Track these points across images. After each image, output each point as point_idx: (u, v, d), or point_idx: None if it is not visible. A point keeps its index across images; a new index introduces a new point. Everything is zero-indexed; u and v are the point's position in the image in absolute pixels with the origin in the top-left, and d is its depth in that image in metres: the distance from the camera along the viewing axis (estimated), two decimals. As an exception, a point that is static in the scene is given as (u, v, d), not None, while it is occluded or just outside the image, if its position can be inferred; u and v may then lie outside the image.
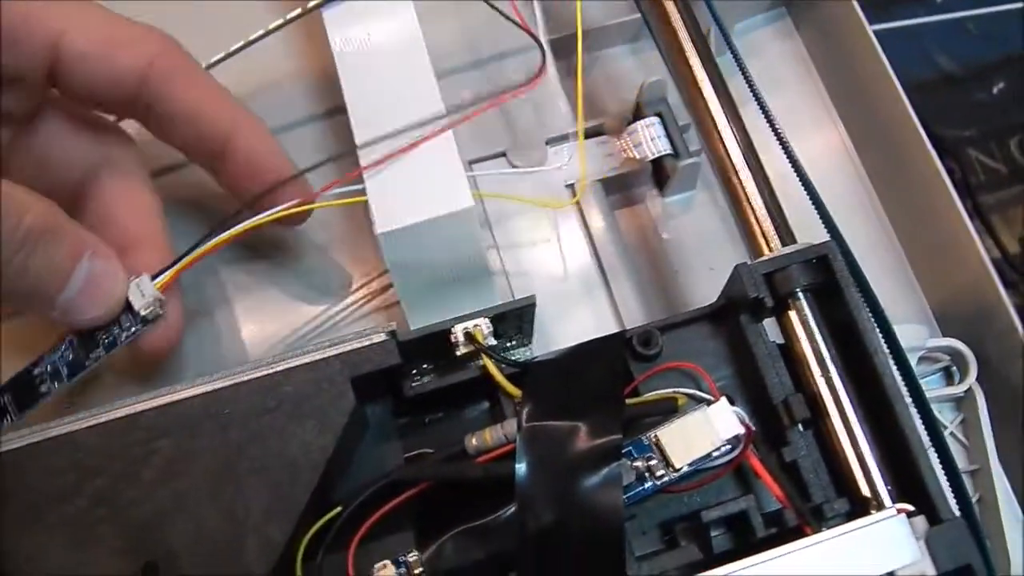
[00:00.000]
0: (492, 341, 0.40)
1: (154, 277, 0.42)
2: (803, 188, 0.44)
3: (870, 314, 0.39)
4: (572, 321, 0.48)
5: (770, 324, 0.42)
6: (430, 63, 0.44)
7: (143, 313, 0.42)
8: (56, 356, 0.43)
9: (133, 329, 0.42)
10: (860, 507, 0.38)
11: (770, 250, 0.42)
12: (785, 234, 0.42)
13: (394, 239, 0.41)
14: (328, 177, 0.43)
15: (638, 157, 0.50)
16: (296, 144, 0.49)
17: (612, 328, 0.48)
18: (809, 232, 0.43)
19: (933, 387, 0.49)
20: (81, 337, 0.42)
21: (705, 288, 0.50)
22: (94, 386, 0.47)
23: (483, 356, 0.39)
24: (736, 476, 0.40)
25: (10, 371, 0.44)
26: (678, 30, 0.46)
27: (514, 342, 0.44)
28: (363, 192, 0.42)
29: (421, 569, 0.37)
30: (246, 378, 0.38)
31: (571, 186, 0.51)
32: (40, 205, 0.38)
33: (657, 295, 0.50)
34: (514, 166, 0.51)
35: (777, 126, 0.45)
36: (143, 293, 0.42)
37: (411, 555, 0.37)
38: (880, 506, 0.38)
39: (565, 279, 0.49)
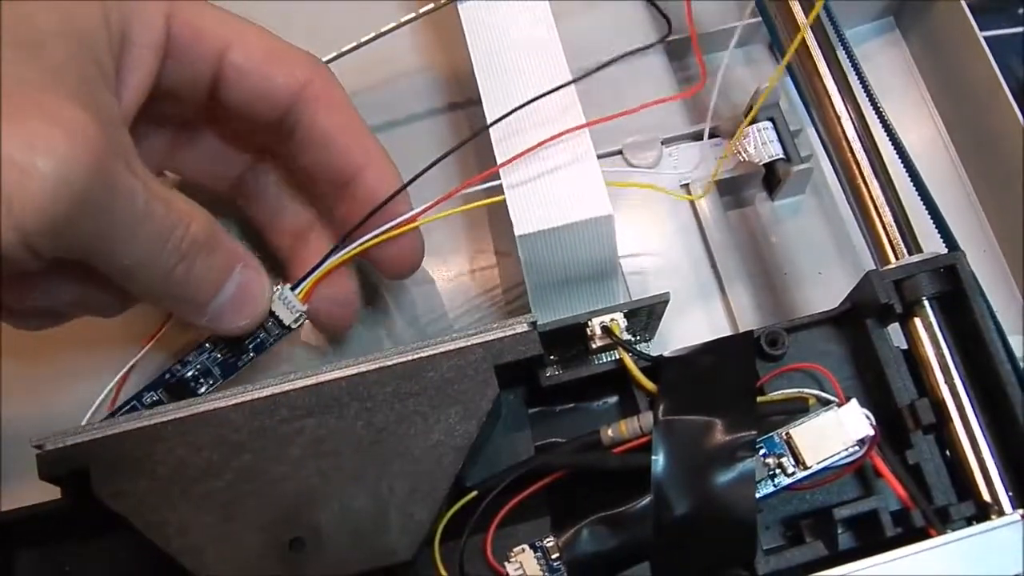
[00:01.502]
0: (626, 336, 0.40)
1: (294, 287, 0.43)
2: (919, 196, 0.45)
3: (992, 325, 0.40)
4: (685, 320, 0.49)
5: (891, 330, 0.42)
6: (565, 60, 0.44)
7: (289, 324, 0.44)
8: (203, 357, 0.44)
9: (278, 333, 0.44)
10: (982, 512, 0.39)
11: (897, 258, 0.43)
12: (912, 243, 0.43)
13: (532, 241, 0.42)
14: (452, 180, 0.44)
15: (752, 160, 0.51)
16: (421, 138, 0.50)
17: (725, 328, 0.49)
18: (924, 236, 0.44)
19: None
20: (228, 341, 0.44)
21: (813, 292, 0.51)
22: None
23: (619, 349, 0.40)
24: (856, 477, 0.41)
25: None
26: (804, 33, 0.47)
27: (637, 338, 0.45)
28: (500, 191, 0.43)
29: (558, 554, 0.38)
30: (391, 363, 0.39)
31: (685, 186, 0.52)
32: (203, 216, 0.39)
33: (767, 297, 0.51)
34: (631, 165, 0.52)
35: (895, 133, 0.46)
36: (288, 306, 0.43)
37: (548, 540, 0.38)
38: (1001, 511, 0.38)
39: (679, 278, 0.50)
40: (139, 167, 0.35)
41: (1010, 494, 0.39)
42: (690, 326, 0.48)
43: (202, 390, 0.44)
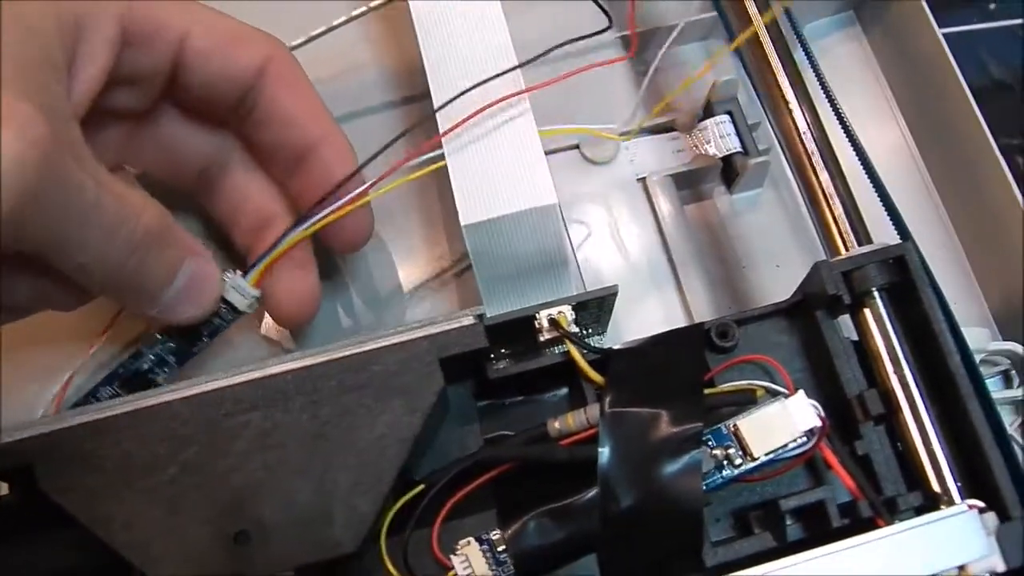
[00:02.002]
0: (574, 328, 0.40)
1: (246, 273, 0.44)
2: (874, 188, 0.45)
3: (942, 316, 0.40)
4: (641, 312, 0.49)
5: (842, 321, 0.42)
6: (513, 50, 0.45)
7: (243, 309, 0.44)
8: (156, 348, 0.44)
9: (231, 318, 0.44)
10: (931, 502, 0.39)
11: (847, 249, 0.43)
12: (862, 234, 0.43)
13: (478, 231, 0.42)
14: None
15: (709, 154, 0.51)
16: (372, 130, 0.50)
17: (680, 320, 0.49)
18: (873, 230, 0.44)
19: (993, 390, 0.49)
20: (180, 330, 0.44)
21: (771, 284, 0.51)
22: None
23: (567, 342, 0.40)
24: (806, 468, 0.41)
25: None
26: (757, 28, 0.47)
27: (589, 331, 0.45)
28: (442, 158, 0.43)
29: (504, 547, 0.38)
30: (336, 356, 0.39)
31: (642, 179, 0.52)
32: (154, 208, 0.39)
33: (724, 290, 0.51)
34: (587, 159, 0.52)
35: (849, 126, 0.46)
36: (240, 291, 0.43)
37: (494, 533, 0.38)
38: (951, 501, 0.39)
39: (635, 271, 0.50)
40: (89, 161, 0.35)
41: (959, 484, 0.39)
42: (645, 320, 0.48)
43: (160, 379, 0.44)
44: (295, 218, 0.44)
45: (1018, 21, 0.72)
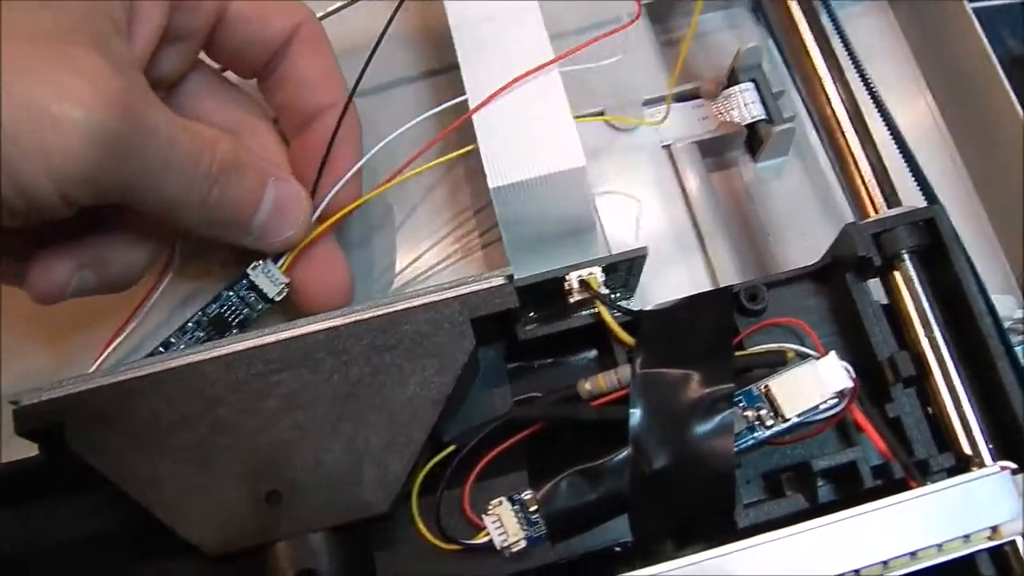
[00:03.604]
0: (604, 290, 0.40)
1: (276, 260, 0.44)
2: (900, 153, 0.45)
3: (972, 279, 0.40)
4: (666, 278, 0.49)
5: (875, 284, 0.42)
6: (545, 31, 0.45)
7: (272, 296, 0.44)
8: (186, 337, 0.45)
9: (260, 307, 0.45)
10: (962, 464, 0.39)
11: (876, 212, 0.43)
12: (891, 196, 0.43)
13: (505, 194, 0.42)
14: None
15: (733, 121, 0.51)
16: (401, 102, 0.50)
17: (707, 285, 0.49)
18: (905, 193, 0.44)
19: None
20: (211, 321, 0.44)
21: (795, 252, 0.50)
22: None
23: (597, 303, 0.40)
24: (836, 431, 0.41)
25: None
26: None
27: (617, 294, 0.44)
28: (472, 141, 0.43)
29: (536, 507, 0.37)
30: (366, 316, 0.39)
31: (667, 147, 0.51)
32: (227, 139, 0.40)
33: (749, 257, 0.50)
34: (612, 126, 0.51)
35: (876, 91, 0.46)
36: (271, 278, 0.44)
37: (526, 493, 0.38)
38: (982, 463, 0.38)
39: (660, 238, 0.50)
40: (158, 104, 0.36)
41: (990, 446, 0.39)
42: (671, 285, 0.48)
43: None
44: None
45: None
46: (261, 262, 0.44)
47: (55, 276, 0.39)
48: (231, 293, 0.44)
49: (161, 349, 0.44)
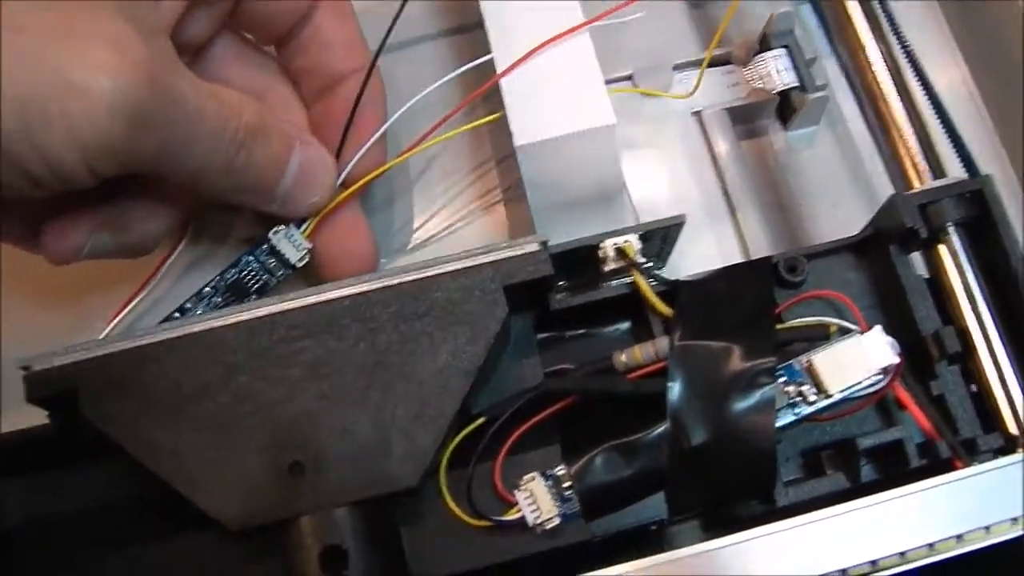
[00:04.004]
0: (640, 259, 0.39)
1: (299, 225, 0.43)
2: (941, 125, 0.44)
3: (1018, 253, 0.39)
4: (696, 248, 0.47)
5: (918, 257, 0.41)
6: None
7: (294, 263, 0.43)
8: (204, 303, 0.43)
9: (281, 273, 0.43)
10: (1009, 444, 0.38)
11: (921, 183, 0.41)
12: (936, 167, 0.41)
13: (533, 152, 0.41)
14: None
15: (765, 88, 0.49)
16: (420, 59, 0.49)
17: (737, 256, 0.48)
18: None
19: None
20: (229, 286, 0.43)
21: (827, 223, 0.49)
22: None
23: (633, 272, 0.39)
24: (876, 409, 0.40)
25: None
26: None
27: (650, 264, 0.43)
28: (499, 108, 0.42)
29: (570, 483, 0.36)
30: (395, 282, 0.37)
31: (697, 113, 0.50)
32: (252, 104, 0.38)
33: (780, 226, 0.49)
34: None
35: (918, 62, 0.45)
36: (293, 243, 0.43)
37: (559, 469, 0.37)
38: (1027, 443, 0.37)
39: (689, 206, 0.48)
40: (184, 71, 0.35)
41: (1031, 428, 0.37)
42: (701, 254, 0.47)
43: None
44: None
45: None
46: (283, 226, 0.42)
47: (71, 237, 0.38)
48: (251, 258, 0.43)
49: (177, 315, 0.42)
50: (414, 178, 0.49)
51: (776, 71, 0.49)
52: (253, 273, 0.43)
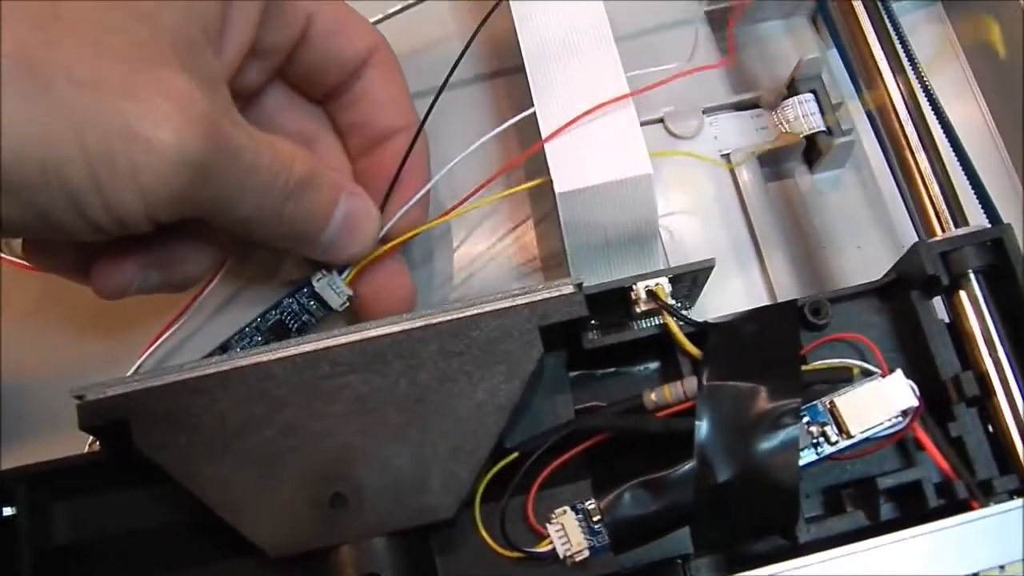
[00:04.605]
0: (670, 301, 0.40)
1: (341, 271, 0.44)
2: (963, 171, 0.45)
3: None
4: (724, 289, 0.49)
5: (939, 302, 0.42)
6: (612, 35, 0.45)
7: (336, 308, 0.45)
8: (245, 342, 0.45)
9: (322, 315, 0.45)
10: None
11: (943, 230, 0.43)
12: (959, 215, 0.43)
13: (571, 199, 0.42)
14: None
15: (793, 132, 0.51)
16: (461, 105, 0.51)
17: (763, 298, 0.49)
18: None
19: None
20: (271, 328, 0.45)
21: (851, 265, 0.50)
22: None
23: (664, 314, 0.40)
24: (895, 448, 0.41)
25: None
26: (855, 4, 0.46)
27: (678, 305, 0.44)
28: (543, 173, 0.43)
29: (599, 517, 0.37)
30: (436, 321, 0.39)
31: (726, 156, 0.51)
32: (303, 154, 0.40)
33: (805, 269, 0.50)
34: (672, 134, 0.51)
35: (940, 106, 0.46)
36: (335, 290, 0.44)
37: (589, 503, 0.38)
38: (1045, 486, 0.38)
39: (717, 247, 0.50)
40: (242, 122, 0.37)
41: (1048, 471, 0.39)
42: (728, 296, 0.48)
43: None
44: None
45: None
46: (325, 272, 0.44)
47: (120, 275, 0.40)
48: (292, 300, 0.45)
49: (220, 352, 0.44)
50: (454, 234, 0.51)
51: (803, 115, 0.51)
52: (294, 315, 0.45)
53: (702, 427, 0.37)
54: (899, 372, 0.38)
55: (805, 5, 0.55)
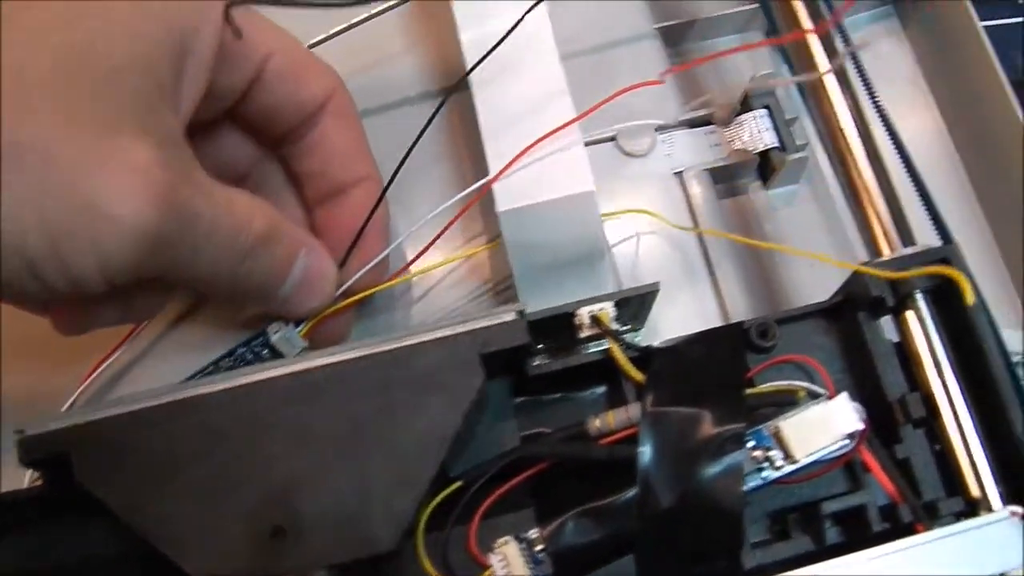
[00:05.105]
0: (616, 325, 0.40)
1: (298, 324, 0.44)
2: (915, 189, 0.45)
3: (986, 320, 0.40)
4: (676, 308, 0.48)
5: (883, 323, 0.42)
6: (558, 55, 0.45)
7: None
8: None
9: None
10: (971, 508, 0.39)
11: (891, 250, 0.43)
12: (905, 235, 0.43)
13: (514, 218, 0.42)
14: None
15: (746, 149, 0.50)
16: (410, 123, 0.50)
17: (716, 317, 0.49)
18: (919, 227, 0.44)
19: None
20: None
21: (806, 282, 0.50)
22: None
23: (608, 340, 0.40)
24: (844, 470, 0.41)
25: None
26: (803, 23, 0.46)
27: (627, 327, 0.44)
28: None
29: (542, 546, 0.37)
30: (376, 351, 0.39)
31: (678, 174, 0.51)
32: (263, 210, 0.40)
33: (759, 286, 0.50)
34: (624, 152, 0.51)
35: (892, 124, 0.46)
36: (290, 342, 0.44)
37: (532, 532, 0.38)
38: (990, 507, 0.38)
39: (670, 266, 0.50)
40: (200, 183, 0.37)
41: (1000, 490, 0.39)
42: (681, 314, 0.48)
43: None
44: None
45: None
46: (282, 324, 0.44)
47: (78, 316, 0.40)
48: (246, 349, 0.44)
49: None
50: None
51: (757, 132, 0.50)
52: (247, 364, 0.44)
53: (645, 453, 0.37)
54: (844, 395, 0.38)
55: (759, 20, 0.55)
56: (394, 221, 0.48)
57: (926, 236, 0.44)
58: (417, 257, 0.46)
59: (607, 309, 0.40)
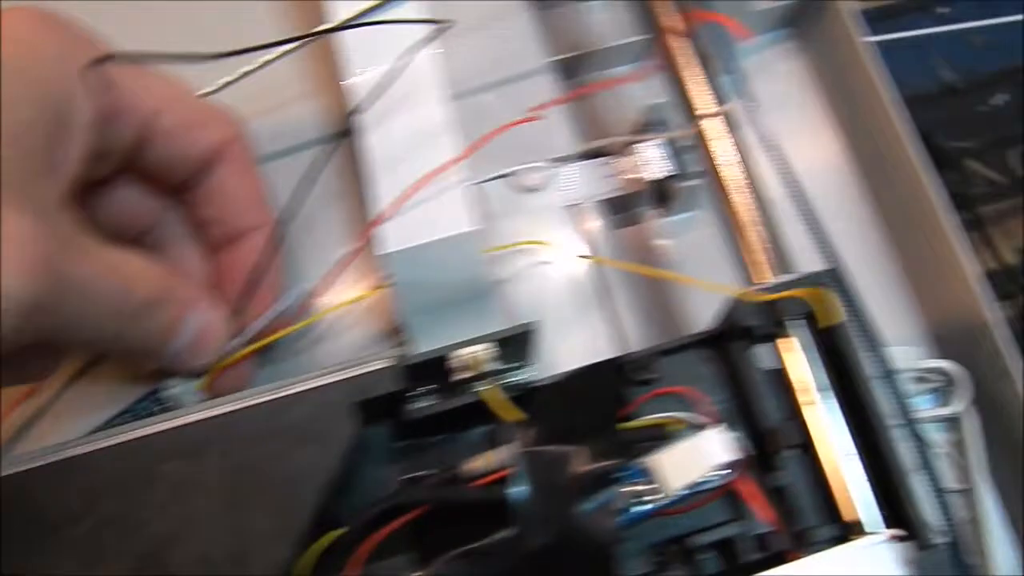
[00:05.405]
0: (493, 366, 0.40)
1: (199, 375, 0.44)
2: (801, 215, 0.46)
3: (863, 341, 0.40)
4: (574, 339, 0.49)
5: (768, 349, 0.42)
6: (448, 96, 0.45)
7: None
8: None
9: None
10: (846, 533, 0.39)
11: (773, 274, 0.43)
12: (785, 263, 0.43)
13: (397, 259, 0.43)
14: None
15: (641, 178, 0.51)
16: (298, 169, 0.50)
17: (614, 346, 0.49)
18: (805, 252, 0.44)
19: (925, 408, 0.49)
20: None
21: (706, 308, 0.49)
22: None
23: (485, 381, 0.40)
24: (727, 499, 0.41)
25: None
26: (678, 55, 0.47)
27: (518, 364, 0.44)
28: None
29: (422, 588, 0.38)
30: (254, 402, 0.39)
31: (575, 205, 0.51)
32: (150, 273, 0.40)
33: (658, 314, 0.50)
34: (519, 187, 0.52)
35: (780, 151, 0.46)
36: (189, 397, 0.44)
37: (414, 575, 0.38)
38: (863, 532, 0.39)
39: (566, 298, 0.50)
40: (83, 249, 0.37)
41: (884, 513, 0.39)
42: (579, 346, 0.48)
43: None
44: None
45: (968, 25, 0.72)
46: (179, 380, 0.44)
47: None
48: (145, 404, 0.45)
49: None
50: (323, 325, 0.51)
51: (652, 160, 0.51)
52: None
53: (519, 493, 0.38)
54: (719, 426, 0.39)
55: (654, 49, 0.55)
56: (297, 265, 0.48)
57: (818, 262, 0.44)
58: (313, 301, 0.47)
59: (478, 352, 0.40)
